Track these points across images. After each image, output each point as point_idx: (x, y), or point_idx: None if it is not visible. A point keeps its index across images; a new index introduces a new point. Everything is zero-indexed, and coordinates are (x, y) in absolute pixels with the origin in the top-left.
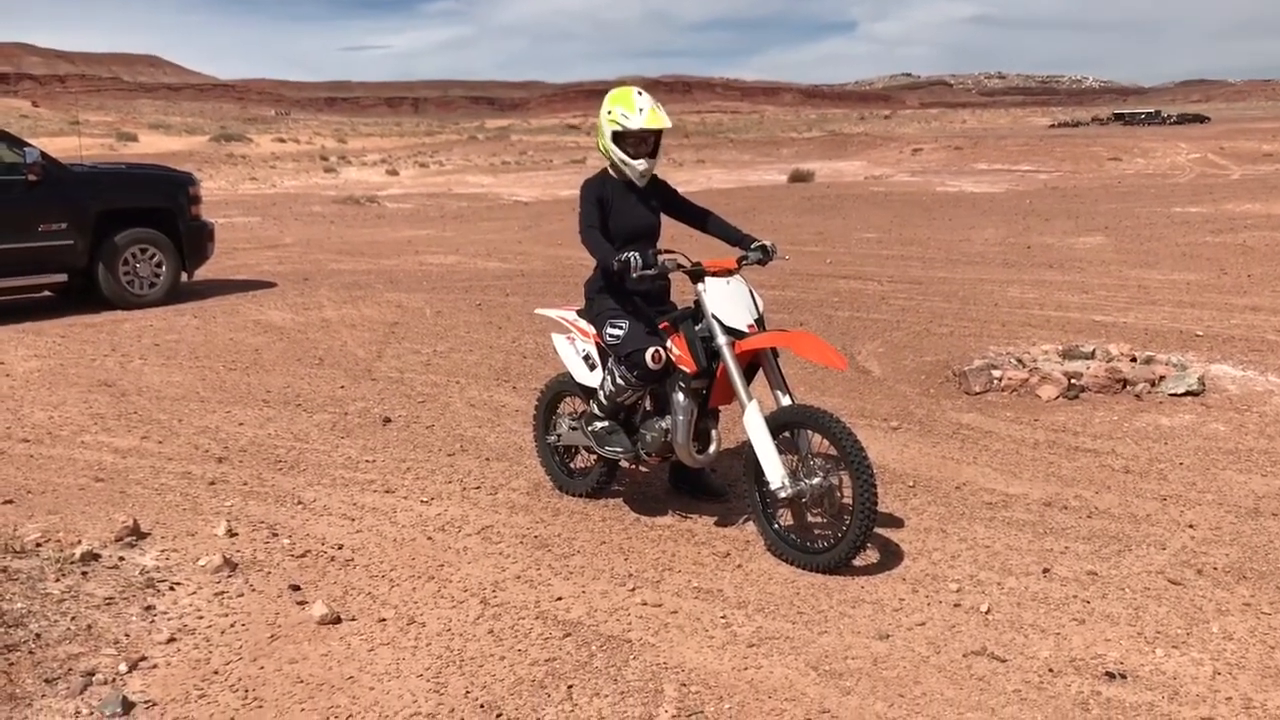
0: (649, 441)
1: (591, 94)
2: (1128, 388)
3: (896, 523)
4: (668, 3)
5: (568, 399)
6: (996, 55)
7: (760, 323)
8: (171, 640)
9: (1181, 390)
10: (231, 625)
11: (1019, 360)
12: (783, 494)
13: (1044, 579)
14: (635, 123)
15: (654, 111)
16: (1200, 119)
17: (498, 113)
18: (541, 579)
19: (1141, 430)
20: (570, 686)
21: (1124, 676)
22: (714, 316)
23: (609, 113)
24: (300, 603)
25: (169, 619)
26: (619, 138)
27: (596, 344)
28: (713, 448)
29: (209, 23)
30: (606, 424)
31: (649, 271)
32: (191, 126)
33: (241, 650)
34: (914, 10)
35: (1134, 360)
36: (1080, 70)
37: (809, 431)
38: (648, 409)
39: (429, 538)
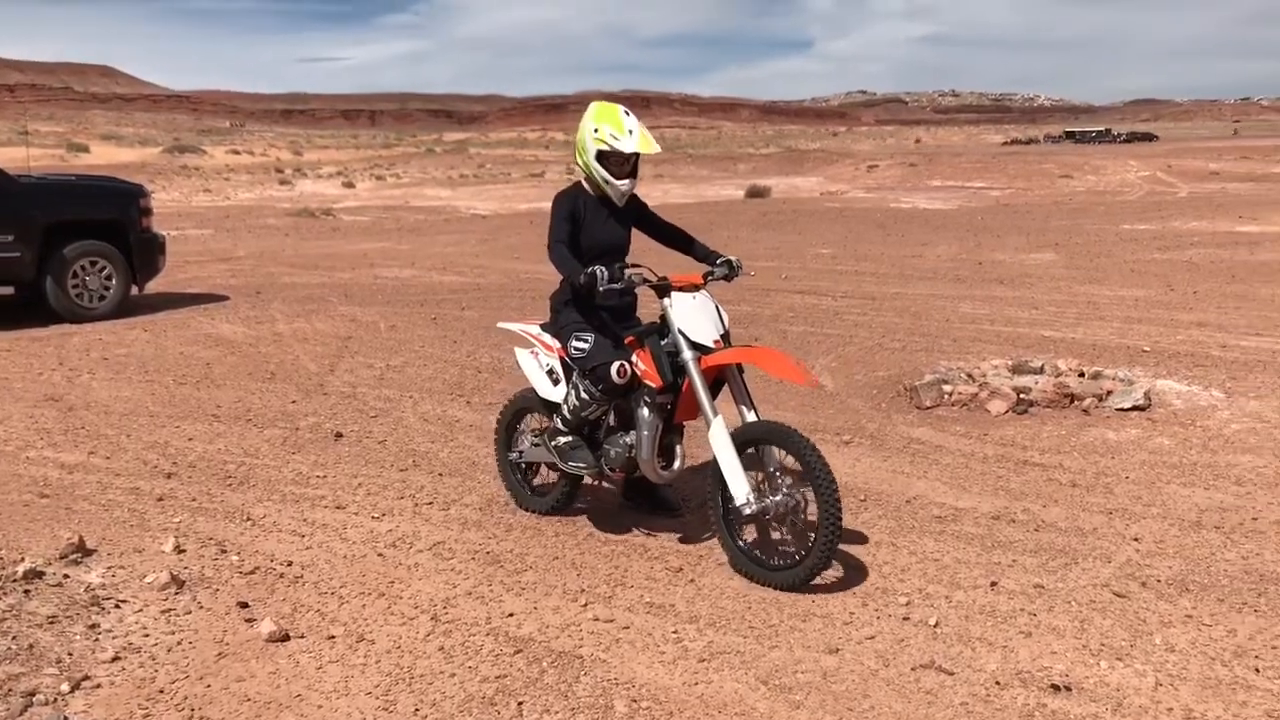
0: (613, 457)
1: (550, 108)
2: (1075, 402)
3: (848, 537)
4: (627, 18)
5: (530, 415)
6: (951, 73)
7: (726, 338)
8: (116, 659)
9: (1128, 405)
10: (178, 643)
11: (969, 375)
12: (747, 510)
13: (992, 592)
14: (626, 145)
15: (644, 136)
16: (1149, 137)
17: (456, 126)
18: (493, 595)
19: (1088, 444)
20: (520, 703)
21: (1069, 689)
22: (680, 331)
23: (595, 130)
24: (248, 620)
25: (114, 637)
26: (603, 157)
27: (561, 358)
28: (677, 463)
29: (163, 33)
30: (570, 439)
31: (615, 286)
32: (144, 138)
33: (188, 669)
34: (870, 29)
35: (1082, 375)
36: (1033, 89)
37: (774, 448)
38: (611, 424)
39: (380, 554)
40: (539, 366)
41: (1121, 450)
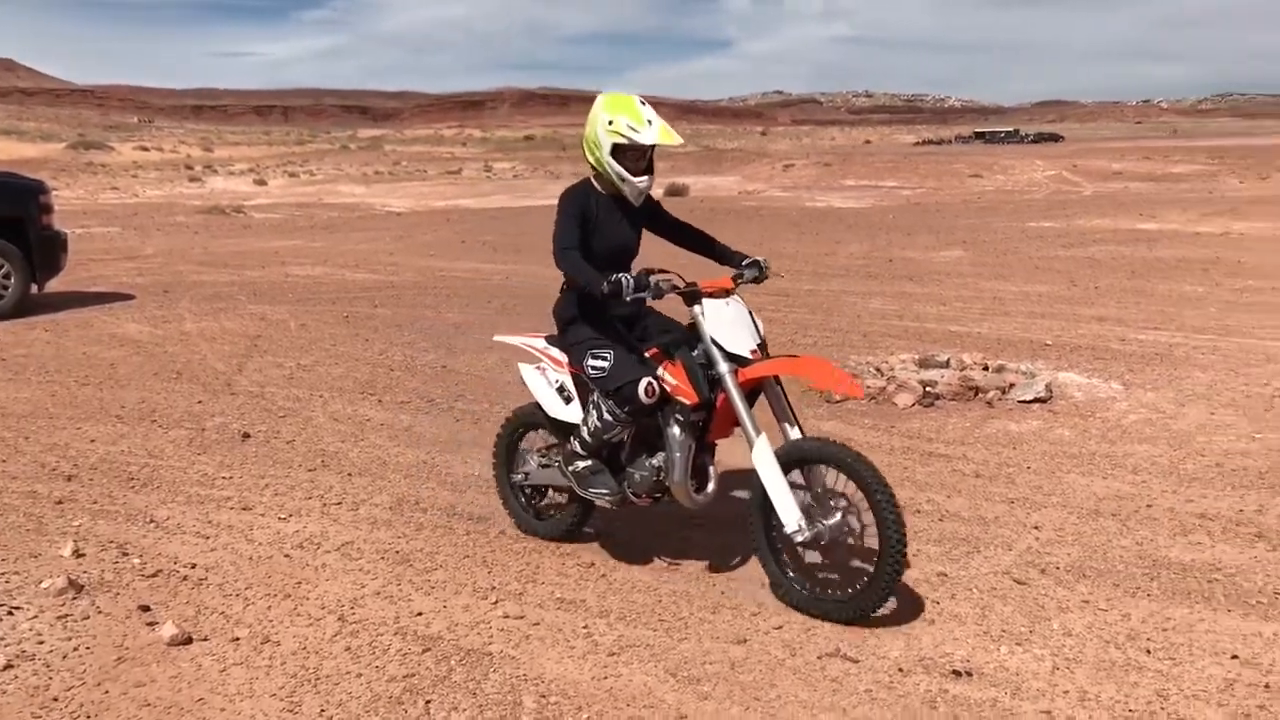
0: (638, 481)
1: (468, 105)
2: (980, 395)
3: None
4: (546, 16)
5: (534, 432)
6: (865, 74)
7: (763, 347)
8: (8, 667)
9: (1030, 397)
10: (75, 649)
11: (878, 369)
12: (799, 537)
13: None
14: (646, 137)
15: (665, 127)
16: (1055, 138)
17: (371, 122)
18: (402, 594)
19: (992, 436)
20: (428, 702)
21: (970, 674)
22: (714, 342)
23: (610, 123)
24: (150, 624)
25: (6, 645)
26: (619, 151)
27: (573, 375)
28: (711, 485)
29: (68, 27)
30: (590, 463)
31: (643, 295)
32: (47, 133)
33: (84, 675)
34: (787, 30)
35: (986, 369)
36: (944, 90)
37: (823, 467)
38: (630, 444)
39: (286, 555)
40: (548, 384)
41: (1023, 441)
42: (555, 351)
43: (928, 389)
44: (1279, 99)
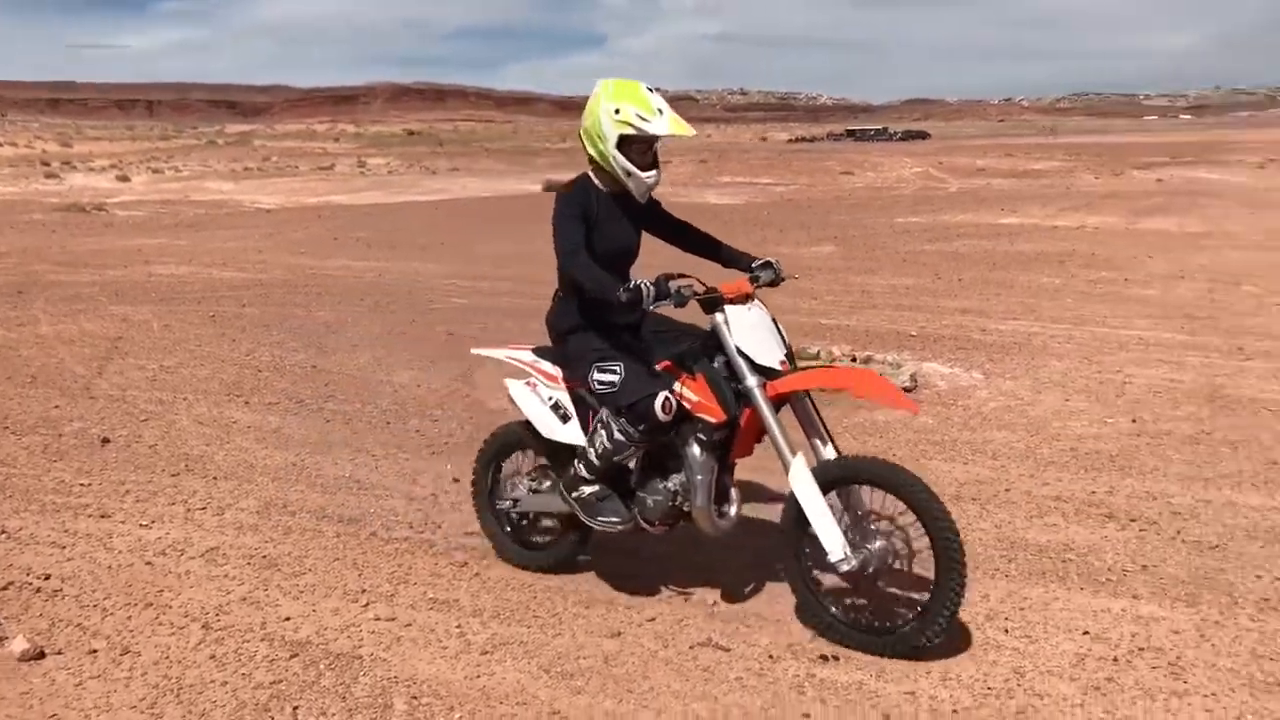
0: (651, 507)
1: (340, 100)
2: None
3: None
4: (421, 10)
5: (520, 453)
6: (740, 72)
7: (791, 358)
8: None
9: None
10: None
11: None
12: (845, 567)
13: (766, 571)
14: (657, 127)
15: (676, 116)
16: (923, 135)
17: (240, 117)
18: (269, 600)
19: (859, 425)
20: (295, 708)
21: (836, 658)
22: (741, 353)
23: (617, 111)
24: None
25: None
26: (625, 143)
27: (570, 390)
28: (733, 509)
29: None
30: (597, 489)
31: (665, 302)
32: None
33: None
34: (662, 26)
35: (854, 360)
36: (816, 88)
37: (860, 487)
38: (640, 466)
39: (148, 563)
40: (540, 401)
41: (889, 430)
42: (547, 365)
43: None
44: (1130, 98)
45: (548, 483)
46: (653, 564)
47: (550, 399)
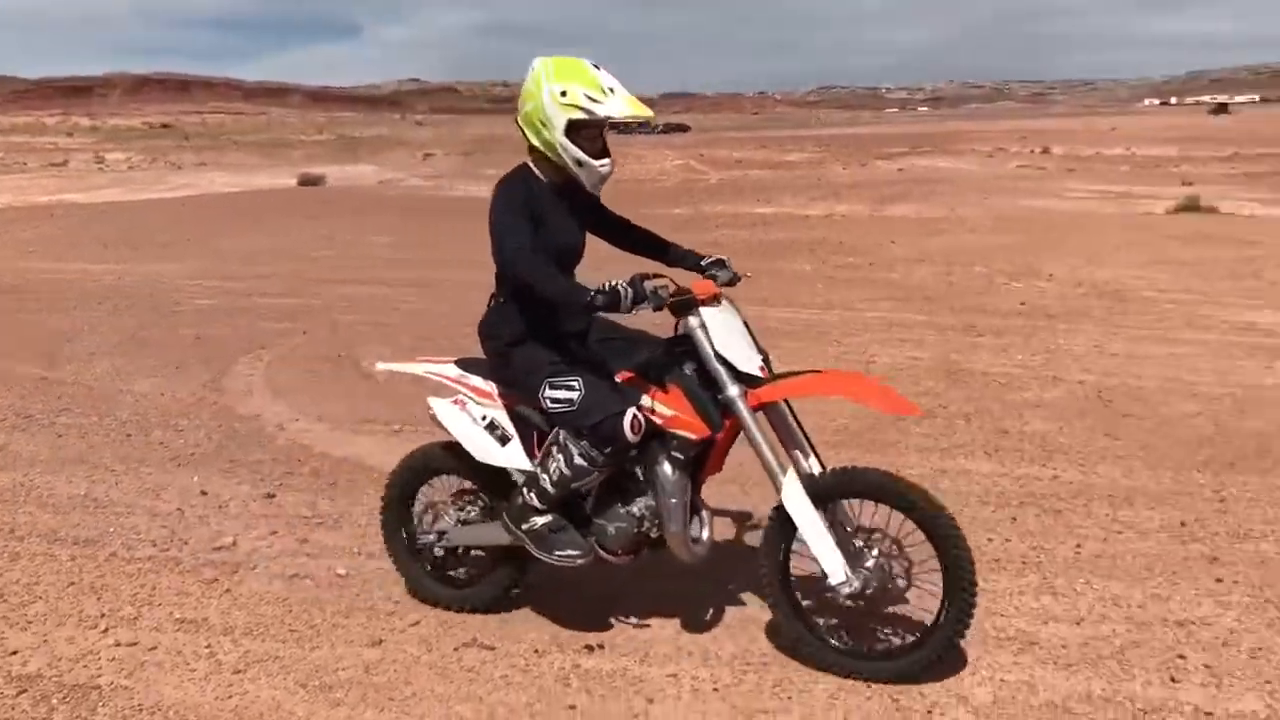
0: (613, 535)
1: (73, 91)
2: None
3: None
4: None
5: (442, 477)
6: (503, 63)
7: (768, 361)
8: None
9: None
10: None
11: None
12: (847, 589)
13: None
14: (611, 108)
15: (629, 95)
16: (683, 128)
17: None
18: None
19: None
20: None
21: (601, 647)
22: (722, 359)
23: (563, 94)
24: None
25: None
26: (575, 128)
27: (508, 408)
28: (706, 532)
29: None
30: (550, 519)
31: (644, 306)
32: None
33: None
34: (420, 16)
35: None
36: None
37: (847, 501)
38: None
39: None
40: (472, 420)
41: None
42: (477, 380)
43: None
44: (873, 91)
45: (475, 510)
46: None
47: (484, 418)
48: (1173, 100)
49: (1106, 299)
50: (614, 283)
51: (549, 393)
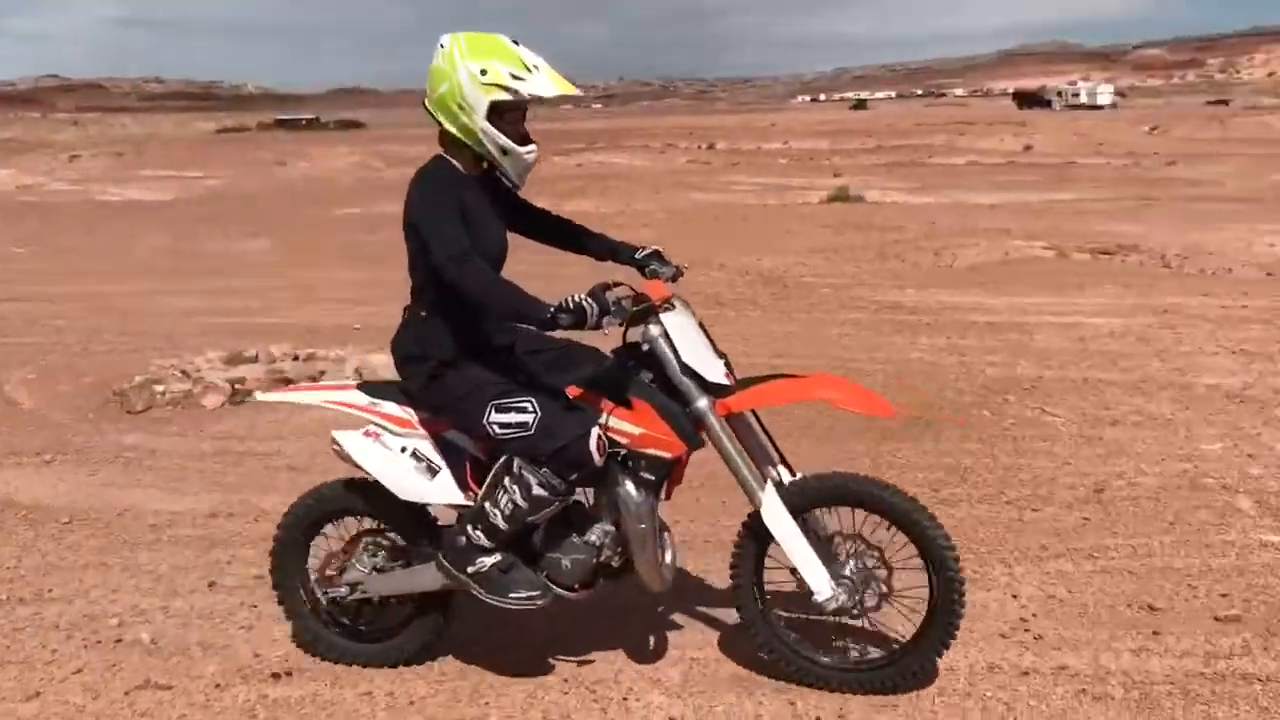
0: (569, 569)
1: None
2: (291, 387)
3: (51, 568)
4: None
5: (346, 520)
6: (154, 58)
7: (729, 366)
8: None
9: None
10: None
11: (183, 372)
12: (834, 605)
13: (210, 593)
14: (538, 87)
15: (553, 71)
16: (358, 125)
17: None
18: None
19: (304, 427)
20: None
21: (290, 674)
22: (688, 369)
23: (483, 73)
24: None
25: None
26: (498, 111)
27: (433, 436)
28: (670, 554)
29: None
30: (499, 559)
31: (612, 320)
32: None
33: None
34: (57, 7)
35: (296, 358)
36: (240, 77)
37: (821, 511)
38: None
39: None
40: (390, 453)
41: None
42: (390, 407)
43: (236, 386)
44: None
45: (383, 554)
46: (79, 603)
47: (405, 449)
48: (821, 97)
49: (772, 285)
50: (576, 298)
51: (496, 417)
